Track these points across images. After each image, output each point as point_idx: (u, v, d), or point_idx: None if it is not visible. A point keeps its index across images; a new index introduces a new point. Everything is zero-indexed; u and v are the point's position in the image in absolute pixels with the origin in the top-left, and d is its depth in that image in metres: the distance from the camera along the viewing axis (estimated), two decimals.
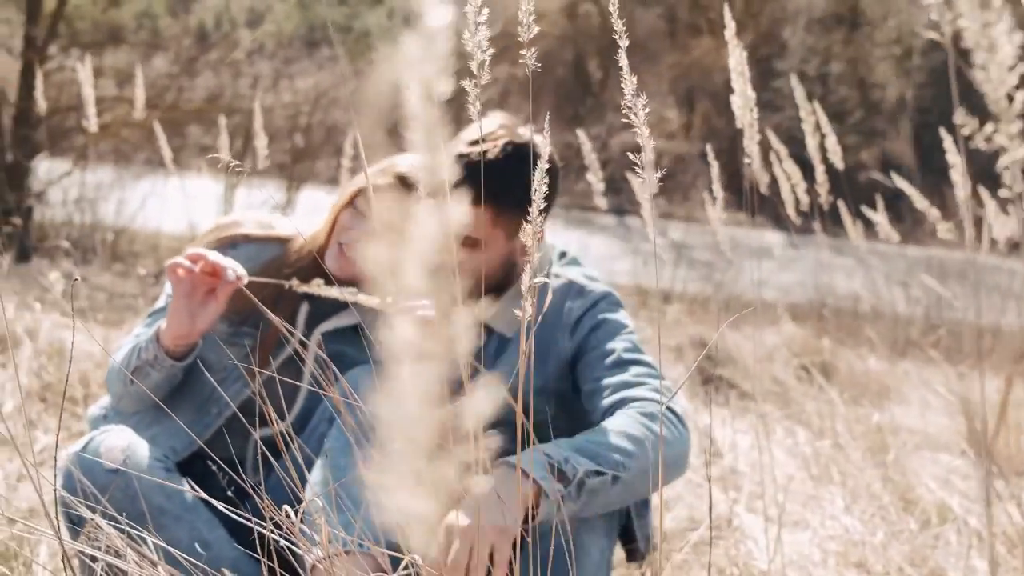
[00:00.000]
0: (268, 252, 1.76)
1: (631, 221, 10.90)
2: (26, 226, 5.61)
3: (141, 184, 6.86)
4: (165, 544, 1.29)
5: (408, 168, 1.63)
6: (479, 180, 1.47)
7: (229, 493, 1.51)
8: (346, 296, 1.46)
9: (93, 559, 1.26)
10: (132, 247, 6.65)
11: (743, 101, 1.44)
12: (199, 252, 1.57)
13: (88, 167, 6.42)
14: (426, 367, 0.49)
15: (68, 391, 2.75)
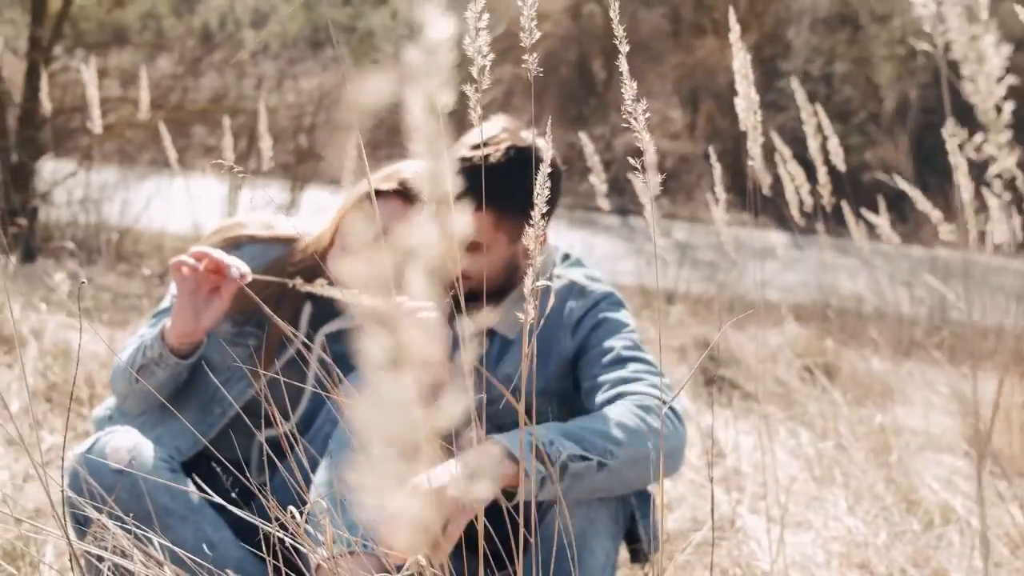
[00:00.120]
0: (272, 253, 1.76)
1: (635, 221, 10.88)
2: (31, 226, 5.62)
3: (145, 184, 6.87)
4: (171, 544, 1.29)
5: (412, 174, 1.64)
6: (481, 184, 1.48)
7: (233, 495, 1.52)
8: (349, 297, 1.46)
9: (99, 559, 1.27)
10: (136, 247, 6.67)
11: (747, 104, 1.44)
12: (203, 250, 1.58)
13: (93, 167, 6.44)
14: (406, 371, 0.50)
15: (73, 391, 2.75)
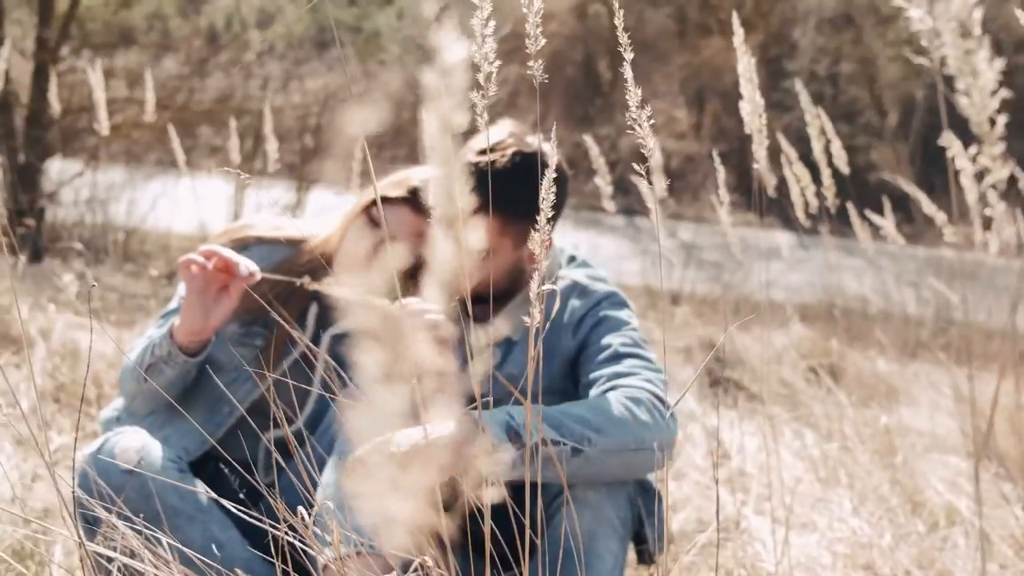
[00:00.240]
0: (279, 254, 1.77)
1: (640, 222, 10.87)
2: (38, 227, 5.63)
3: (152, 185, 6.89)
4: (179, 544, 1.30)
5: (421, 182, 1.64)
6: (487, 189, 1.49)
7: (241, 495, 1.52)
8: (356, 298, 1.46)
9: (108, 559, 1.28)
10: (143, 247, 6.68)
11: (752, 107, 1.45)
12: (212, 248, 1.59)
13: (99, 168, 6.45)
14: (406, 374, 0.50)
15: (81, 391, 2.77)
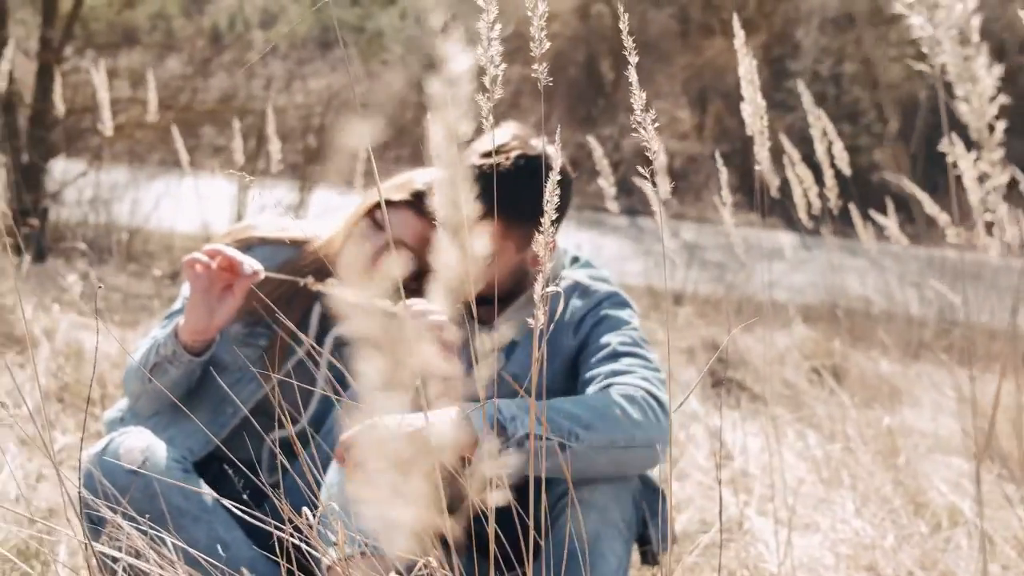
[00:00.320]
0: (283, 255, 1.78)
1: (643, 222, 10.88)
2: (42, 227, 5.64)
3: (155, 185, 6.90)
4: (184, 544, 1.31)
5: (425, 186, 1.64)
6: (491, 192, 1.49)
7: (245, 496, 1.53)
8: (360, 299, 1.47)
9: (114, 559, 1.28)
10: (146, 247, 6.70)
11: (753, 109, 1.45)
12: (216, 248, 1.59)
13: (103, 168, 6.46)
14: (407, 376, 0.51)
15: (85, 391, 2.78)
